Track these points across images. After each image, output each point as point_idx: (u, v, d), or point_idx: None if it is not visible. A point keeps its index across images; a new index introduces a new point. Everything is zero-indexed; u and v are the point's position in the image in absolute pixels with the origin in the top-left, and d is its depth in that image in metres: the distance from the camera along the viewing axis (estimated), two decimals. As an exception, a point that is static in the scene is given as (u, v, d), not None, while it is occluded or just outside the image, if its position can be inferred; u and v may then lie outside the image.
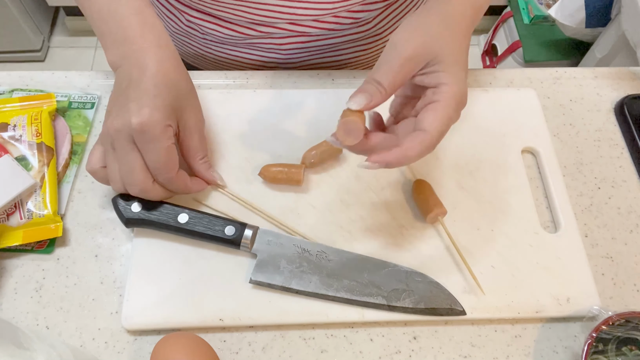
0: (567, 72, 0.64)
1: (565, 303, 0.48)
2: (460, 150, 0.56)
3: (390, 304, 0.46)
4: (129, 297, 0.46)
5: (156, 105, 0.42)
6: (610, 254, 0.52)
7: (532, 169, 0.57)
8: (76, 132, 0.55)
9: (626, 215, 0.54)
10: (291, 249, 0.48)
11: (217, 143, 0.55)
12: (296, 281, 0.46)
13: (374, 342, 0.47)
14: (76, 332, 0.46)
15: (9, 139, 0.52)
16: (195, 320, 0.46)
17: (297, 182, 0.51)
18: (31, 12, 1.67)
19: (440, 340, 0.47)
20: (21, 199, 0.49)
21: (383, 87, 0.39)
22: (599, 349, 0.43)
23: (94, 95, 0.58)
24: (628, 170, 0.57)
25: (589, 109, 0.62)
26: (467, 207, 0.53)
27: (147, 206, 0.47)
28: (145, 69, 0.43)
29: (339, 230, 0.51)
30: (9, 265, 0.48)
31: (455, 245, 0.49)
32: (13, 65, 1.78)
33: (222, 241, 0.47)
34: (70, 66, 1.78)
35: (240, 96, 0.57)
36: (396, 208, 0.52)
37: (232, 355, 0.45)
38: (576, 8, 1.30)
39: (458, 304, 0.47)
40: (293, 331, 0.47)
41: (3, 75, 0.59)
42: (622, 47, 1.22)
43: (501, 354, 0.47)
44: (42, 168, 0.51)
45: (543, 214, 0.54)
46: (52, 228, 0.49)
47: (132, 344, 0.46)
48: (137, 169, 0.44)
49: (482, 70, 0.64)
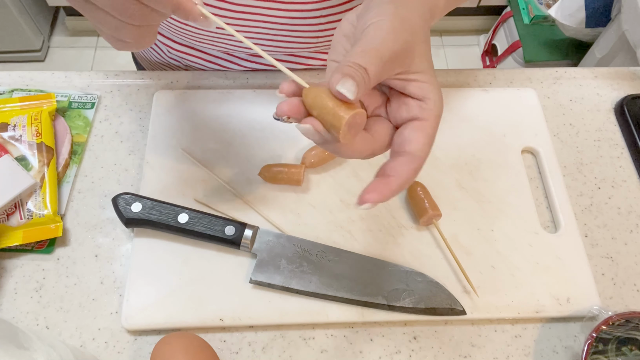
0: (567, 72, 0.64)
1: (565, 303, 0.48)
2: (460, 150, 0.56)
3: (390, 304, 0.46)
4: (129, 297, 0.46)
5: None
6: (610, 254, 0.52)
7: (532, 169, 0.57)
8: (76, 132, 0.55)
9: (626, 215, 0.54)
10: (291, 249, 0.48)
11: (217, 143, 0.55)
12: (296, 281, 0.46)
13: (374, 342, 0.47)
14: (76, 332, 0.46)
15: (9, 139, 0.52)
16: (195, 320, 0.46)
17: (297, 182, 0.51)
18: (31, 12, 1.67)
19: (440, 340, 0.47)
20: (21, 199, 0.49)
21: (369, 76, 0.31)
22: (599, 349, 0.43)
23: (94, 95, 0.58)
24: (628, 170, 0.57)
25: (589, 109, 0.62)
26: (467, 207, 0.53)
27: (147, 206, 0.47)
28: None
29: (339, 230, 0.51)
30: (9, 265, 0.48)
31: (449, 248, 0.49)
32: (13, 65, 1.78)
33: (222, 241, 0.47)
34: (70, 66, 1.78)
35: (240, 96, 0.57)
36: (396, 208, 0.52)
37: (232, 355, 0.45)
38: (576, 8, 1.30)
39: (458, 303, 0.47)
40: (293, 331, 0.47)
41: (3, 75, 0.59)
42: (622, 47, 1.22)
43: (501, 354, 0.47)
44: (42, 168, 0.51)
45: (543, 214, 0.54)
46: (52, 228, 0.49)
47: (132, 344, 0.46)
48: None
49: (482, 70, 0.64)
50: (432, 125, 0.35)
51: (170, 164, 0.53)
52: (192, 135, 0.55)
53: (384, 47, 0.32)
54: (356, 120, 0.31)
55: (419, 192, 0.51)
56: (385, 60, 0.32)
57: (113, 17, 0.35)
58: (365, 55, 0.31)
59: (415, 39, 0.34)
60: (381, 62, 0.32)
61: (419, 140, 0.34)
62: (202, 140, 0.55)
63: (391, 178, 0.34)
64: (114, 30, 0.36)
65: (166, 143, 0.54)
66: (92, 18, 0.36)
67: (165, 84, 0.59)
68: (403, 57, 0.33)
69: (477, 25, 1.88)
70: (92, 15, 0.36)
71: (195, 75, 0.60)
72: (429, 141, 0.35)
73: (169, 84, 0.59)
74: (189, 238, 0.48)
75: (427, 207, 0.50)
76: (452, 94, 0.59)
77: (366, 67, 0.31)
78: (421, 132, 0.35)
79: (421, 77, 0.35)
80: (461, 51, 1.88)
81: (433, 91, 0.35)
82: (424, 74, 0.35)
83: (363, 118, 0.32)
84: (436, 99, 0.35)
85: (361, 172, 0.54)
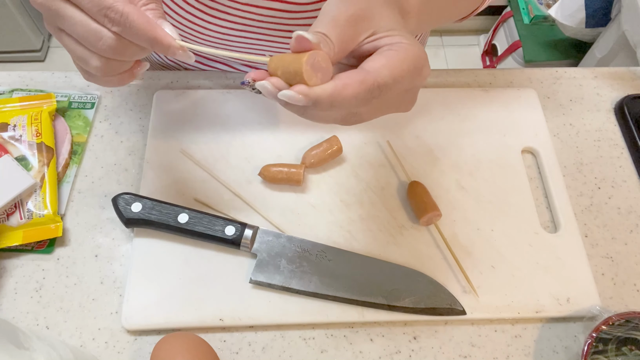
0: (567, 72, 0.64)
1: (565, 303, 0.48)
2: (460, 150, 0.56)
3: (390, 304, 0.46)
4: (129, 297, 0.46)
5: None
6: (610, 254, 0.52)
7: (532, 169, 0.57)
8: (76, 132, 0.55)
9: (626, 215, 0.54)
10: (291, 249, 0.48)
11: (217, 143, 0.55)
12: (296, 281, 0.46)
13: (374, 342, 0.47)
14: (76, 332, 0.46)
15: (9, 139, 0.52)
16: (195, 320, 0.46)
17: (297, 182, 0.51)
18: (31, 12, 1.67)
19: (440, 340, 0.47)
20: (21, 199, 0.49)
21: (331, 40, 0.32)
22: (599, 349, 0.43)
23: (94, 95, 0.58)
24: (628, 170, 0.57)
25: (589, 109, 0.62)
26: (467, 207, 0.53)
27: (147, 206, 0.47)
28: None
29: (339, 230, 0.51)
30: (9, 265, 0.48)
31: (449, 248, 0.49)
32: (13, 65, 1.78)
33: (222, 241, 0.47)
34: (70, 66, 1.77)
35: (240, 96, 0.58)
36: (396, 208, 0.52)
37: (232, 355, 0.45)
38: (576, 8, 1.30)
39: (458, 303, 0.47)
40: (293, 331, 0.47)
41: (3, 75, 0.59)
42: (622, 47, 1.22)
43: (501, 354, 0.47)
44: (42, 168, 0.51)
45: (543, 214, 0.54)
46: (52, 228, 0.49)
47: (132, 344, 0.46)
48: (73, 18, 0.33)
49: (482, 70, 0.64)
50: (400, 57, 0.32)
51: (170, 164, 0.53)
52: (192, 135, 0.55)
53: (338, 13, 0.33)
54: (317, 59, 0.30)
55: (419, 192, 0.51)
56: (342, 24, 0.32)
57: (83, 46, 0.34)
58: (321, 23, 0.32)
59: (372, 4, 0.34)
60: (337, 26, 0.32)
61: (378, 60, 0.32)
62: (202, 140, 0.55)
63: (329, 80, 0.31)
64: (84, 61, 0.35)
65: (166, 143, 0.54)
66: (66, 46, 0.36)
67: (165, 84, 0.59)
68: (362, 20, 0.33)
69: (477, 25, 1.88)
70: (64, 43, 0.35)
71: (195, 75, 0.60)
72: (390, 68, 0.32)
73: (169, 84, 0.59)
74: (189, 238, 0.48)
75: (427, 207, 0.50)
76: (452, 94, 0.59)
77: (326, 33, 0.32)
78: (384, 56, 0.33)
79: (391, 32, 0.34)
80: (461, 51, 1.88)
81: (406, 38, 0.34)
82: (394, 30, 0.34)
83: (326, 59, 0.31)
84: (411, 43, 0.33)
85: (361, 172, 0.54)
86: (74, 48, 0.35)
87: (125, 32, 0.33)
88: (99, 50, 0.34)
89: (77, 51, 0.35)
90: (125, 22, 0.32)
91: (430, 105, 0.58)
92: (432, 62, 0.37)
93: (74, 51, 0.35)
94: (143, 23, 0.33)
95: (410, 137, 0.56)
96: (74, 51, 0.35)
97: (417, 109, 0.58)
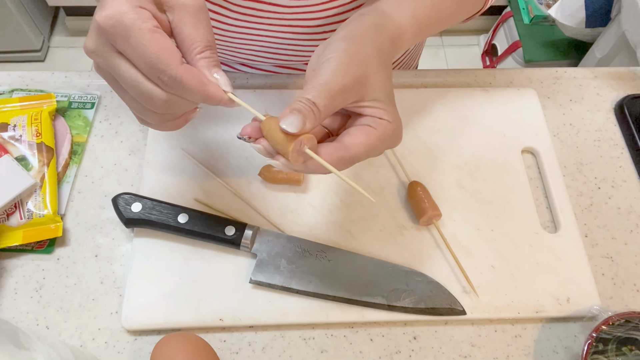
0: (567, 72, 0.64)
1: (565, 303, 0.48)
2: (460, 150, 0.56)
3: (390, 304, 0.46)
4: (129, 297, 0.46)
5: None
6: (610, 254, 0.52)
7: (532, 169, 0.57)
8: (76, 132, 0.55)
9: (626, 215, 0.54)
10: (291, 249, 0.48)
11: (217, 143, 0.55)
12: (296, 281, 0.46)
13: (374, 342, 0.47)
14: (76, 332, 0.46)
15: (9, 139, 0.52)
16: (195, 320, 0.46)
17: (297, 182, 0.51)
18: (31, 12, 1.67)
19: (440, 340, 0.47)
20: (21, 199, 0.49)
21: (318, 109, 0.34)
22: (599, 349, 0.43)
23: (94, 95, 0.58)
24: (628, 170, 0.57)
25: (589, 109, 0.62)
26: (467, 207, 0.53)
27: (147, 206, 0.47)
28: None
29: (339, 230, 0.51)
30: (9, 265, 0.48)
31: (449, 248, 0.49)
32: (13, 65, 1.78)
33: (222, 241, 0.47)
34: (70, 66, 1.78)
35: (240, 96, 0.57)
36: (396, 208, 0.52)
37: (232, 355, 0.45)
38: (576, 8, 1.30)
39: (458, 303, 0.47)
40: (293, 331, 0.47)
41: (3, 75, 0.59)
42: (622, 47, 1.22)
43: (501, 354, 0.47)
44: (42, 168, 0.51)
45: (543, 214, 0.54)
46: (52, 228, 0.49)
47: (132, 344, 0.46)
48: (128, 77, 0.34)
49: (482, 70, 0.64)
50: (378, 135, 0.36)
51: (170, 164, 0.53)
52: (192, 135, 0.55)
53: (333, 81, 0.35)
54: (303, 143, 0.34)
55: (419, 192, 0.51)
56: (335, 93, 0.35)
57: (137, 102, 0.36)
58: (314, 90, 0.35)
59: (368, 71, 0.36)
60: (330, 95, 0.35)
61: (358, 137, 0.36)
62: (202, 140, 0.55)
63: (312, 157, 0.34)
64: (139, 113, 0.37)
65: (166, 143, 0.54)
66: (119, 95, 0.37)
67: (165, 84, 0.59)
68: (356, 88, 0.36)
69: (477, 25, 1.88)
70: (118, 93, 0.37)
71: (195, 75, 0.60)
72: (367, 145, 0.36)
73: (169, 84, 0.59)
74: (189, 238, 0.48)
75: (427, 207, 0.50)
76: (452, 94, 0.59)
77: (315, 101, 0.34)
78: (364, 133, 0.36)
79: (375, 104, 0.37)
80: (461, 51, 1.88)
81: (387, 113, 0.37)
82: (378, 101, 0.37)
83: (311, 140, 0.34)
84: (390, 119, 0.36)
85: (361, 172, 0.54)
86: (128, 101, 0.37)
87: (178, 94, 0.34)
88: (153, 108, 0.35)
89: (132, 104, 0.37)
90: (178, 85, 0.33)
91: (430, 105, 0.58)
92: (432, 62, 0.39)
93: (129, 103, 0.37)
94: (196, 85, 0.34)
95: (410, 137, 0.56)
96: (129, 103, 0.37)
97: (417, 109, 0.58)
